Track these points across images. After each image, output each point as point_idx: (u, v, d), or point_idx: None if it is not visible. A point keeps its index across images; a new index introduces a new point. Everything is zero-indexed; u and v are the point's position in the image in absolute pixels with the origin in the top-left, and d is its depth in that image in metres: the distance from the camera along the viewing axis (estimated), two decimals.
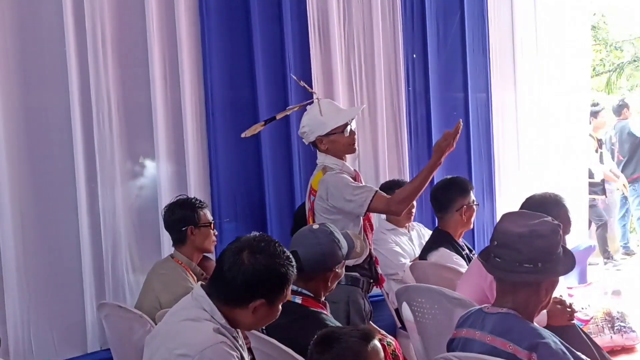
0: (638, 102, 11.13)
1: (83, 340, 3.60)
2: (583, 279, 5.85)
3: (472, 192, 3.87)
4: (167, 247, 3.60)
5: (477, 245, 5.04)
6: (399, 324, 3.81)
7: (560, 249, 2.26)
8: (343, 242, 2.70)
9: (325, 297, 2.70)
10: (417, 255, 4.05)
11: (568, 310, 2.88)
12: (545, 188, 4.09)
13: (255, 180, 4.18)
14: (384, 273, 3.62)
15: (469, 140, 5.30)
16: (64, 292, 3.57)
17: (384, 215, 4.34)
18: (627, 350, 4.45)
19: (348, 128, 3.26)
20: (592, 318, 4.49)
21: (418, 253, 4.05)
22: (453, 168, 4.92)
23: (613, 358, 3.29)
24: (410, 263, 3.90)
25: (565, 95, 6.04)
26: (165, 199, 3.63)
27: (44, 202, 3.51)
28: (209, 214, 3.42)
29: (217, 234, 3.46)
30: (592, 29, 11.63)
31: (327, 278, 2.65)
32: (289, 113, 3.59)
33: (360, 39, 4.72)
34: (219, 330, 2.02)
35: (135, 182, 3.84)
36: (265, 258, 2.06)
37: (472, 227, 3.98)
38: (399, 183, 4.08)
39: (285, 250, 2.13)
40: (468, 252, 3.81)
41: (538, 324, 2.24)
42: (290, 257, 2.13)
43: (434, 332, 3.07)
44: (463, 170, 5.12)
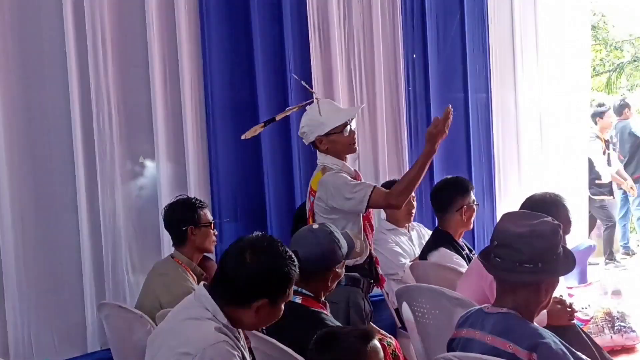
0: (638, 102, 11.14)
1: (83, 340, 3.60)
2: (583, 279, 5.84)
3: (472, 192, 3.87)
4: (167, 247, 3.60)
5: (477, 245, 5.04)
6: (399, 324, 3.80)
7: (561, 249, 2.25)
8: (343, 242, 2.70)
9: (326, 297, 2.70)
10: (417, 255, 4.05)
11: (568, 310, 2.89)
12: (545, 188, 4.09)
13: (255, 180, 4.18)
14: (384, 273, 3.62)
15: (469, 141, 5.30)
16: (64, 292, 3.57)
17: (384, 216, 4.34)
18: (627, 350, 4.44)
19: (348, 128, 3.26)
20: (592, 318, 4.48)
21: (418, 253, 4.05)
22: (453, 168, 4.94)
23: (613, 358, 3.28)
24: (411, 263, 3.90)
25: (565, 95, 6.04)
26: (165, 199, 3.63)
27: (44, 202, 3.51)
28: (209, 214, 3.41)
29: (217, 234, 3.46)
30: (592, 29, 11.66)
31: (327, 278, 2.65)
32: (289, 114, 3.59)
33: (360, 39, 4.72)
34: (221, 330, 2.02)
35: (135, 182, 3.84)
36: (268, 258, 2.06)
37: (472, 227, 3.97)
38: None
39: (288, 250, 2.14)
40: (468, 252, 3.81)
41: (538, 324, 2.24)
42: (293, 256, 2.13)
43: (434, 332, 3.07)
44: (463, 170, 5.12)
